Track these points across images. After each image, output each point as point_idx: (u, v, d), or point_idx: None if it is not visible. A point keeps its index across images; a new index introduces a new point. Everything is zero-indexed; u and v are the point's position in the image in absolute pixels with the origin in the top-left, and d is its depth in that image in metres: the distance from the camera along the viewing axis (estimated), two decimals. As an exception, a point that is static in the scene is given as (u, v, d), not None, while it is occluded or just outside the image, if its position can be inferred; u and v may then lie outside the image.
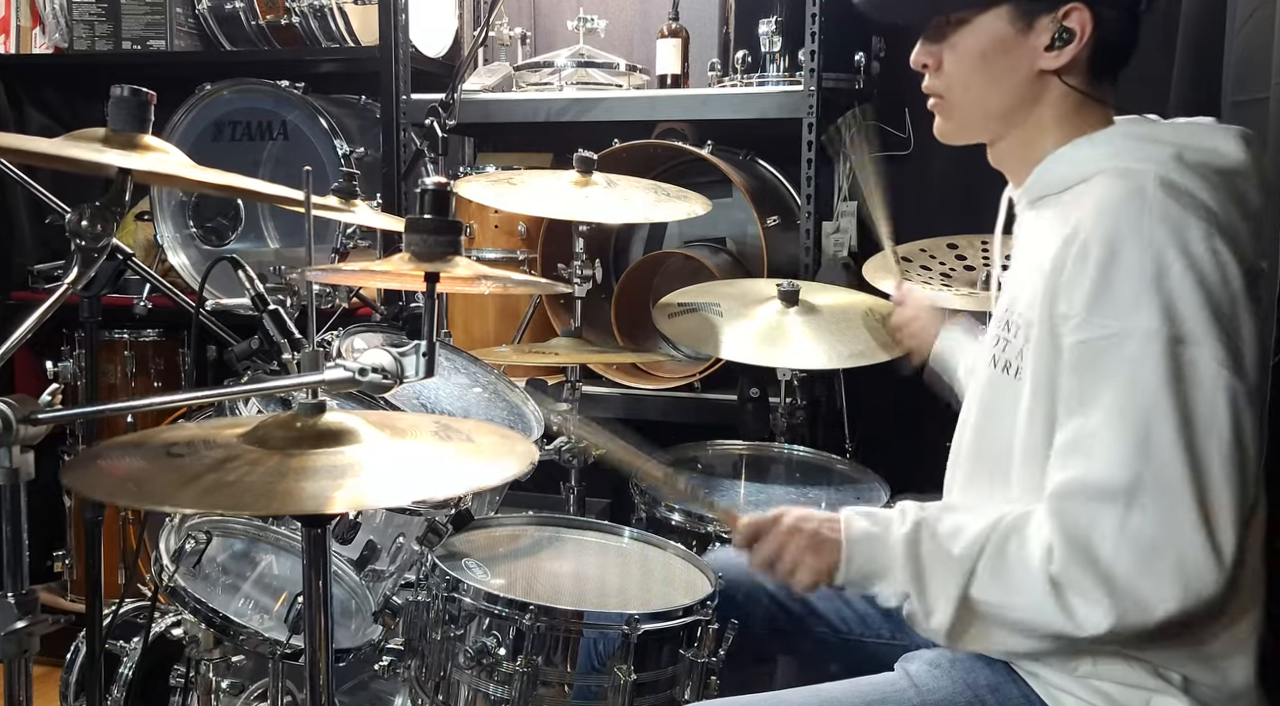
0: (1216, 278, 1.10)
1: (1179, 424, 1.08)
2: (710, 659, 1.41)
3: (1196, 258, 1.10)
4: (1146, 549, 1.08)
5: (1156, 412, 1.08)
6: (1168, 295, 1.09)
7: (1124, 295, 1.10)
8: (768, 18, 2.46)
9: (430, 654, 1.46)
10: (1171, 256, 1.09)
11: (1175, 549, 1.07)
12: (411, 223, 1.17)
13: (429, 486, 1.05)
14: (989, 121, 1.30)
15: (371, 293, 2.64)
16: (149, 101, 1.23)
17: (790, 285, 2.08)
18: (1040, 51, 1.23)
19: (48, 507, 2.85)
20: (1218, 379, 1.08)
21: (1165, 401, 1.08)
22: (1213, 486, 1.08)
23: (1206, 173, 1.16)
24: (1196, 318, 1.09)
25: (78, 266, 1.18)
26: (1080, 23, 1.21)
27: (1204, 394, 1.08)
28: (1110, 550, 1.09)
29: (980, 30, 1.25)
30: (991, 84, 1.27)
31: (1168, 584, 1.07)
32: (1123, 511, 1.08)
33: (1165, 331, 1.08)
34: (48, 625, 1.07)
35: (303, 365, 1.13)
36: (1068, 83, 1.24)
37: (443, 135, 2.27)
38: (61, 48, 3.10)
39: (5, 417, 0.97)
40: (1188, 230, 1.10)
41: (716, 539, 1.79)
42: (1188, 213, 1.11)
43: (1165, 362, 1.08)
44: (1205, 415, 1.08)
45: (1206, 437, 1.08)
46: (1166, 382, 1.08)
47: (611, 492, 2.48)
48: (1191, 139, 1.19)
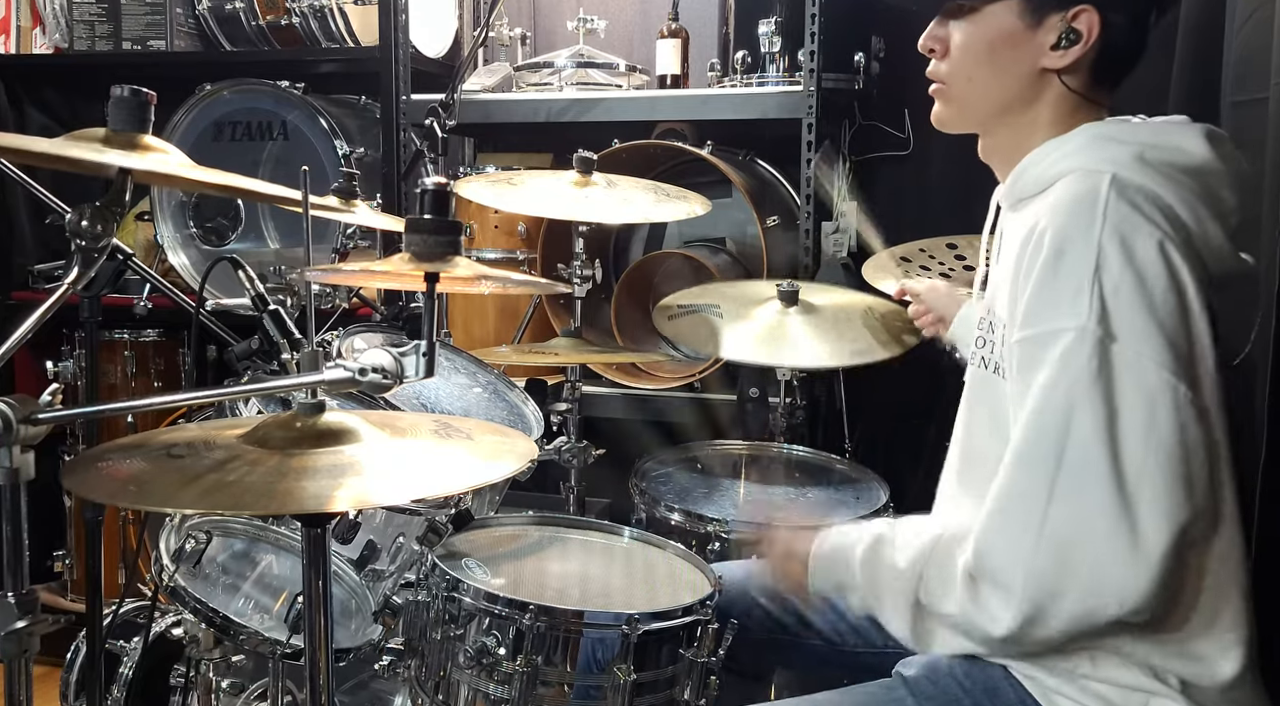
0: (1162, 283, 1.09)
1: (1104, 420, 1.07)
2: (710, 658, 1.42)
3: (1141, 261, 1.10)
4: (1060, 546, 1.08)
5: (1080, 407, 1.08)
6: (1105, 295, 1.09)
7: (1063, 294, 1.11)
8: (768, 18, 2.46)
9: (430, 654, 1.46)
10: (1114, 257, 1.09)
11: (1090, 549, 1.07)
12: (411, 223, 1.17)
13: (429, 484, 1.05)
14: (986, 113, 1.30)
15: (371, 293, 2.64)
16: (149, 101, 1.23)
17: (790, 285, 2.08)
18: (1046, 49, 1.24)
19: (48, 507, 2.86)
20: (1156, 377, 1.08)
21: (1090, 396, 1.08)
22: (1139, 486, 1.07)
23: (1170, 172, 1.16)
24: (1134, 318, 1.08)
25: (78, 266, 1.18)
26: (1088, 25, 1.22)
27: (1137, 391, 1.08)
28: (1027, 547, 1.09)
29: (989, 21, 1.26)
30: (994, 76, 1.27)
31: (1079, 582, 1.08)
32: (1039, 508, 1.09)
33: (1096, 329, 1.08)
34: (48, 625, 1.07)
35: (302, 365, 1.13)
36: (1068, 84, 1.25)
37: (443, 135, 2.27)
38: (61, 48, 3.10)
39: (5, 417, 0.97)
40: (1135, 233, 1.11)
41: (716, 539, 1.80)
42: (1138, 215, 1.11)
43: (1093, 357, 1.08)
44: (1136, 412, 1.08)
45: (1135, 435, 1.08)
46: (1094, 377, 1.08)
47: (611, 493, 2.48)
48: (1154, 138, 1.20)
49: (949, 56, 1.30)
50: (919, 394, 2.37)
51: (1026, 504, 1.10)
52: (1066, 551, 1.08)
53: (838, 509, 1.93)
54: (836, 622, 1.50)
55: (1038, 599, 1.10)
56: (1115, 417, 1.08)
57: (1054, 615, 1.10)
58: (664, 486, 1.98)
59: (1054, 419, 1.09)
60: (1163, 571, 1.07)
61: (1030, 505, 1.10)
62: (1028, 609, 1.10)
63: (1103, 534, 1.07)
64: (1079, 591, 1.09)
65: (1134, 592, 1.07)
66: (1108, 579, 1.08)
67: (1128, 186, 1.13)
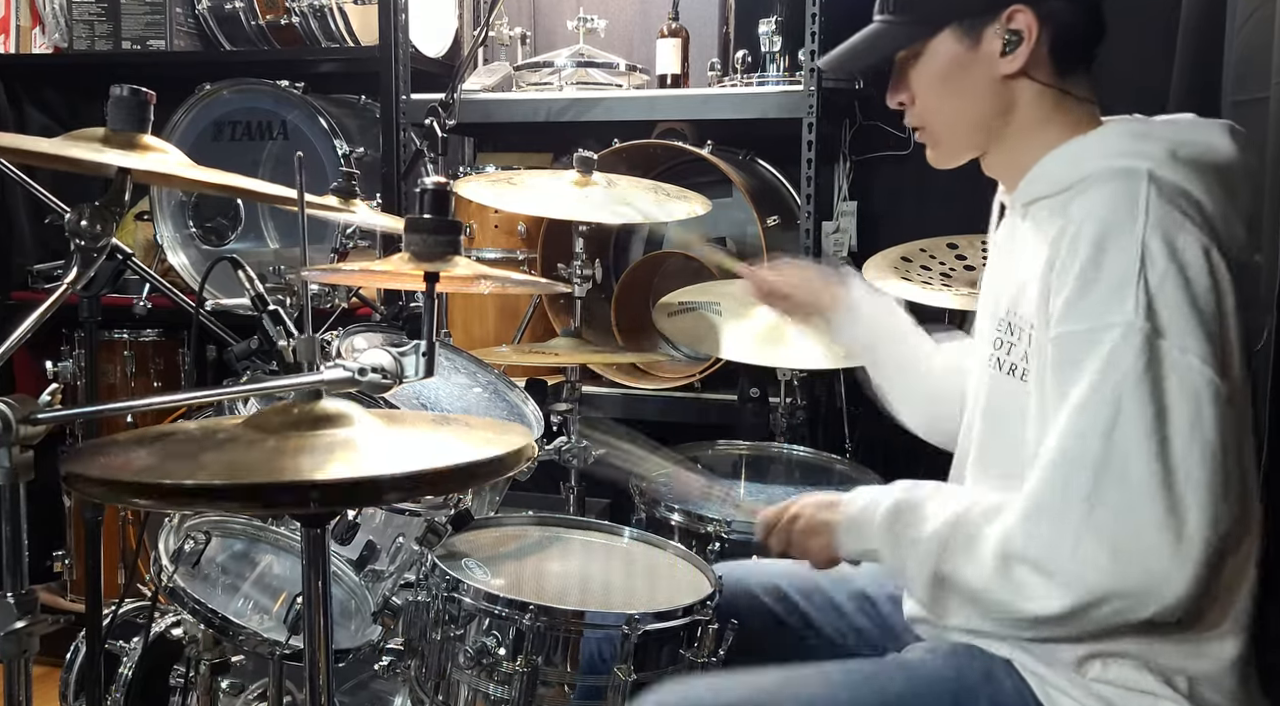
0: (1204, 282, 1.10)
1: (1152, 416, 1.07)
2: (710, 659, 1.41)
3: (1185, 259, 1.10)
4: (1109, 541, 1.08)
5: (1128, 403, 1.08)
6: (1151, 292, 1.09)
7: (1107, 290, 1.10)
8: (768, 17, 2.46)
9: (430, 654, 1.46)
10: (1159, 255, 1.09)
11: (1138, 545, 1.07)
12: (411, 222, 1.17)
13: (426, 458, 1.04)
14: (972, 137, 1.31)
15: (371, 292, 2.63)
16: (148, 101, 1.23)
17: (790, 285, 2.08)
18: (996, 58, 1.24)
19: (47, 507, 2.85)
20: (1200, 375, 1.08)
21: (1138, 392, 1.07)
22: (1185, 485, 1.07)
23: (1201, 168, 1.16)
24: (1179, 315, 1.08)
25: (77, 266, 1.17)
26: (1025, 23, 1.23)
27: (1183, 388, 1.08)
28: (1071, 538, 1.09)
29: (934, 57, 1.28)
30: (960, 101, 1.29)
31: (1126, 578, 1.08)
32: (1086, 502, 1.08)
33: (1144, 325, 1.08)
34: (47, 625, 1.07)
35: (299, 352, 1.13)
36: (1037, 79, 1.25)
37: (442, 135, 2.27)
38: (61, 48, 3.10)
39: (5, 417, 0.96)
40: (1179, 231, 1.11)
41: (716, 539, 1.79)
42: (1180, 214, 1.12)
43: (1141, 354, 1.08)
44: (1182, 410, 1.08)
45: (1182, 432, 1.07)
46: (1142, 373, 1.08)
47: (611, 492, 2.47)
48: (1184, 135, 1.20)
49: (916, 103, 1.32)
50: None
51: (1073, 498, 1.09)
52: (1115, 545, 1.08)
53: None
54: (838, 622, 1.50)
55: (1093, 588, 1.08)
56: (1164, 415, 1.08)
57: (1099, 608, 1.09)
58: (664, 486, 1.97)
59: (1102, 414, 1.09)
60: (1204, 571, 1.07)
61: (1077, 499, 1.09)
62: (1081, 596, 1.09)
63: (1151, 531, 1.07)
64: (1125, 587, 1.08)
65: (1174, 592, 1.07)
66: (1153, 576, 1.07)
67: (1165, 184, 1.13)
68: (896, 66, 1.32)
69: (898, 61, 1.32)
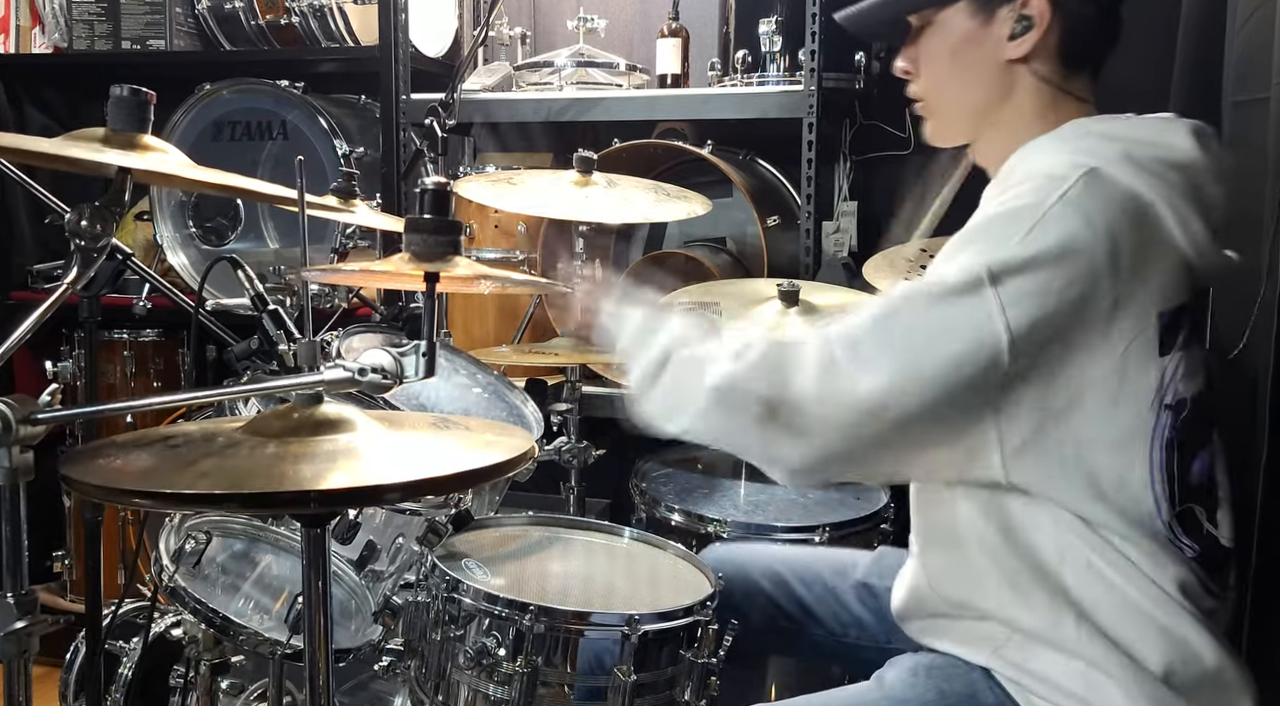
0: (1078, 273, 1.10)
1: (930, 324, 1.13)
2: (710, 659, 1.41)
3: (1073, 246, 1.10)
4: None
5: (921, 302, 1.14)
6: (1018, 261, 1.10)
7: (979, 239, 1.15)
8: (768, 17, 2.46)
9: (430, 654, 1.46)
10: (1052, 231, 1.10)
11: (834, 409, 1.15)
12: (411, 222, 1.17)
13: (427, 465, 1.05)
14: (968, 118, 1.31)
15: (371, 293, 2.63)
16: (148, 101, 1.23)
17: (790, 285, 2.08)
18: (1004, 42, 1.24)
19: (47, 508, 2.85)
20: (995, 337, 1.10)
21: (938, 302, 1.13)
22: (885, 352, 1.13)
23: (1157, 168, 1.16)
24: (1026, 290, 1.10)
25: (77, 266, 1.17)
26: (1038, 9, 1.22)
27: (970, 328, 1.11)
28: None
29: (945, 28, 1.27)
30: (962, 79, 1.29)
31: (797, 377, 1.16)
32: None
33: (985, 269, 1.11)
34: (47, 625, 1.07)
35: (300, 356, 1.13)
36: (1037, 73, 1.25)
37: (442, 135, 2.27)
38: (61, 47, 3.10)
39: (5, 418, 0.96)
40: (1084, 231, 1.11)
41: (716, 539, 1.79)
42: (1095, 217, 1.11)
43: (961, 281, 1.12)
44: (953, 341, 1.11)
45: (939, 354, 1.12)
46: (947, 290, 1.13)
47: (611, 493, 2.47)
48: (1143, 134, 1.20)
49: (920, 74, 1.32)
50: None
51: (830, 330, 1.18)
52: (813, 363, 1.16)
53: (838, 509, 1.93)
54: (840, 613, 1.50)
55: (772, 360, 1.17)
56: (938, 336, 1.12)
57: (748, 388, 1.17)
58: (664, 486, 1.97)
59: (896, 302, 1.17)
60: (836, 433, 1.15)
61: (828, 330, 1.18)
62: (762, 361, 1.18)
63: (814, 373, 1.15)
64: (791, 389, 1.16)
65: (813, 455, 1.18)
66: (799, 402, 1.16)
67: (1104, 183, 1.13)
68: (911, 34, 1.32)
69: (912, 27, 1.31)
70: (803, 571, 1.53)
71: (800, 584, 1.51)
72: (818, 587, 1.51)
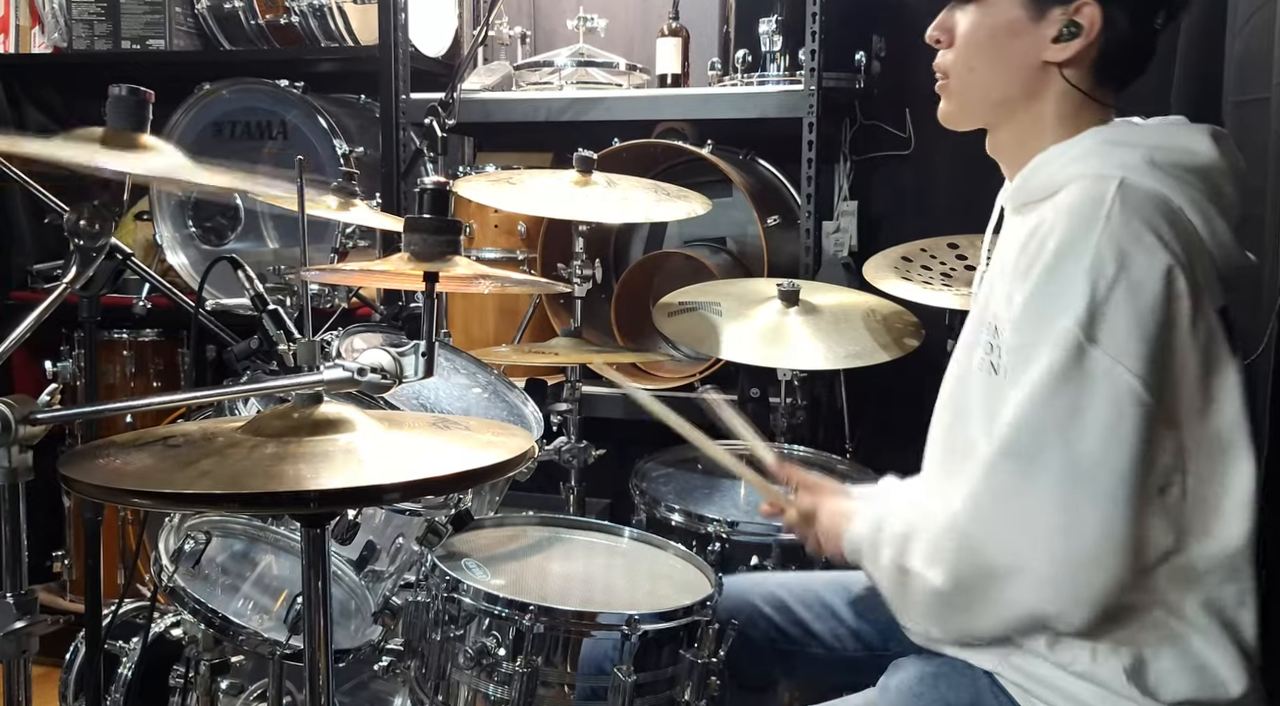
0: (1154, 296, 1.10)
1: (1065, 416, 1.10)
2: (710, 659, 1.41)
3: (1137, 275, 1.10)
4: (998, 524, 1.13)
5: (1047, 407, 1.11)
6: (1096, 301, 1.09)
7: (1056, 298, 1.12)
8: (768, 17, 2.46)
9: (430, 654, 1.46)
10: (1109, 265, 1.10)
11: (1029, 536, 1.12)
12: (411, 222, 1.17)
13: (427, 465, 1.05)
14: (989, 106, 1.30)
15: (371, 292, 2.63)
16: (147, 100, 1.23)
17: (790, 285, 2.08)
18: (1047, 42, 1.24)
19: (47, 508, 2.85)
20: (1129, 388, 1.09)
21: (1060, 392, 1.10)
22: (1093, 494, 1.09)
23: (1179, 173, 1.16)
24: (1119, 328, 1.09)
25: (77, 266, 1.17)
26: (1090, 19, 1.22)
27: (1107, 396, 1.09)
28: (964, 518, 1.15)
29: (993, 9, 1.26)
30: (995, 67, 1.27)
31: (1008, 562, 1.13)
32: (990, 485, 1.14)
33: (1078, 333, 1.09)
34: (47, 625, 1.07)
35: (299, 356, 1.13)
36: (1070, 79, 1.25)
37: (442, 135, 2.26)
38: (60, 47, 3.09)
39: (4, 418, 0.96)
40: (1137, 247, 1.11)
41: (716, 539, 1.79)
42: (1143, 226, 1.11)
43: (1071, 358, 1.10)
44: (1099, 416, 1.09)
45: (1094, 438, 1.09)
46: (1066, 375, 1.10)
47: (611, 493, 2.47)
48: (1162, 140, 1.20)
49: (952, 48, 1.30)
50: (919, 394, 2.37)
51: (992, 491, 1.14)
52: (1006, 531, 1.13)
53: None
54: (836, 628, 1.50)
55: (968, 560, 1.14)
56: (1079, 420, 1.09)
57: (981, 591, 1.14)
58: (664, 486, 1.97)
59: (1027, 412, 1.12)
60: (1096, 577, 1.10)
61: (996, 494, 1.14)
62: (958, 569, 1.15)
63: (1044, 536, 1.10)
64: (1009, 579, 1.12)
65: (1062, 595, 1.11)
66: (1037, 576, 1.11)
67: (1135, 192, 1.13)
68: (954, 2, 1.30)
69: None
70: (801, 593, 1.55)
71: (800, 605, 1.52)
72: (816, 606, 1.52)
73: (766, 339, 2.04)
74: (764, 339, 2.04)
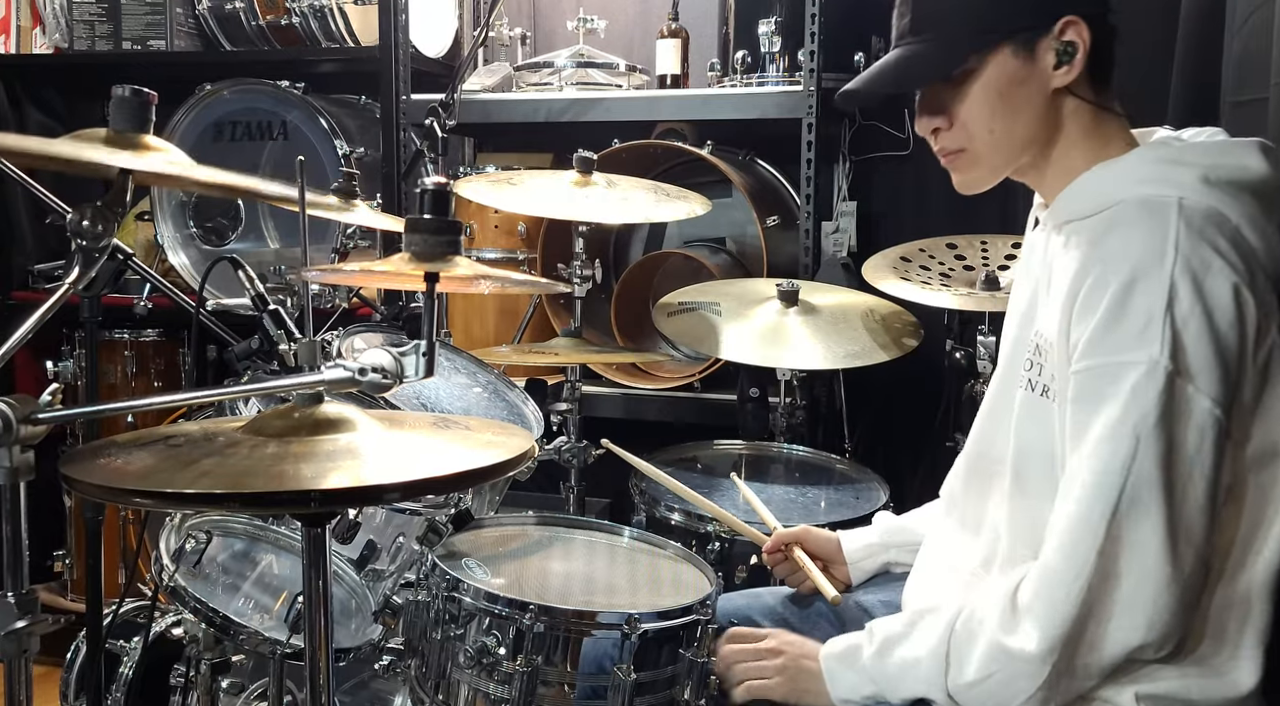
0: (1229, 321, 1.10)
1: (1163, 455, 1.10)
2: (710, 659, 1.41)
3: (1212, 300, 1.10)
4: (1109, 576, 1.11)
5: (1145, 442, 1.10)
6: (1176, 330, 1.09)
7: (1133, 327, 1.11)
8: (767, 18, 2.46)
9: (430, 653, 1.46)
10: (1186, 294, 1.10)
11: (1135, 579, 1.11)
12: (411, 222, 1.17)
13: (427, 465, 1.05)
14: (1021, 153, 1.28)
15: (371, 292, 2.64)
16: (150, 101, 1.23)
17: (790, 285, 2.08)
18: (1050, 72, 1.23)
19: (48, 508, 2.86)
20: (1210, 416, 1.10)
21: (1156, 432, 1.09)
22: (1186, 530, 1.10)
23: (1235, 191, 1.16)
24: (1201, 356, 1.09)
25: (78, 266, 1.17)
26: (1079, 34, 1.21)
27: (1194, 430, 1.10)
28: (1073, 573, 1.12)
29: (991, 73, 1.23)
30: (1014, 118, 1.25)
31: (1115, 608, 1.12)
32: (1099, 536, 1.11)
33: (1168, 364, 1.09)
34: (48, 625, 1.07)
35: (300, 356, 1.13)
36: (1079, 94, 1.24)
37: (443, 135, 2.27)
38: (61, 48, 3.10)
39: (5, 417, 0.96)
40: (1207, 270, 1.11)
41: (716, 539, 1.80)
42: (1210, 249, 1.11)
43: (1164, 394, 1.09)
44: (1188, 449, 1.10)
45: (1185, 471, 1.10)
46: (1162, 413, 1.09)
47: (612, 493, 2.48)
48: (1217, 158, 1.19)
49: (957, 124, 1.27)
50: (919, 394, 2.37)
51: (1090, 532, 1.12)
52: (1114, 580, 1.11)
53: (837, 508, 1.93)
54: (832, 633, 1.50)
55: (1076, 617, 1.12)
56: (1174, 453, 1.10)
57: (1089, 640, 1.13)
58: (664, 486, 1.97)
59: (1122, 450, 1.10)
60: (1190, 599, 1.11)
61: (1093, 534, 1.12)
62: (1062, 629, 1.12)
63: (1153, 566, 1.10)
64: (1115, 617, 1.11)
65: (1164, 621, 1.11)
66: (1143, 607, 1.11)
67: (1196, 214, 1.13)
68: (926, 92, 1.28)
69: (935, 88, 1.27)
70: (799, 602, 1.57)
71: (797, 617, 1.53)
72: (813, 615, 1.53)
73: (766, 339, 2.04)
74: (763, 339, 2.04)
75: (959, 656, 1.20)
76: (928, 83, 1.28)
